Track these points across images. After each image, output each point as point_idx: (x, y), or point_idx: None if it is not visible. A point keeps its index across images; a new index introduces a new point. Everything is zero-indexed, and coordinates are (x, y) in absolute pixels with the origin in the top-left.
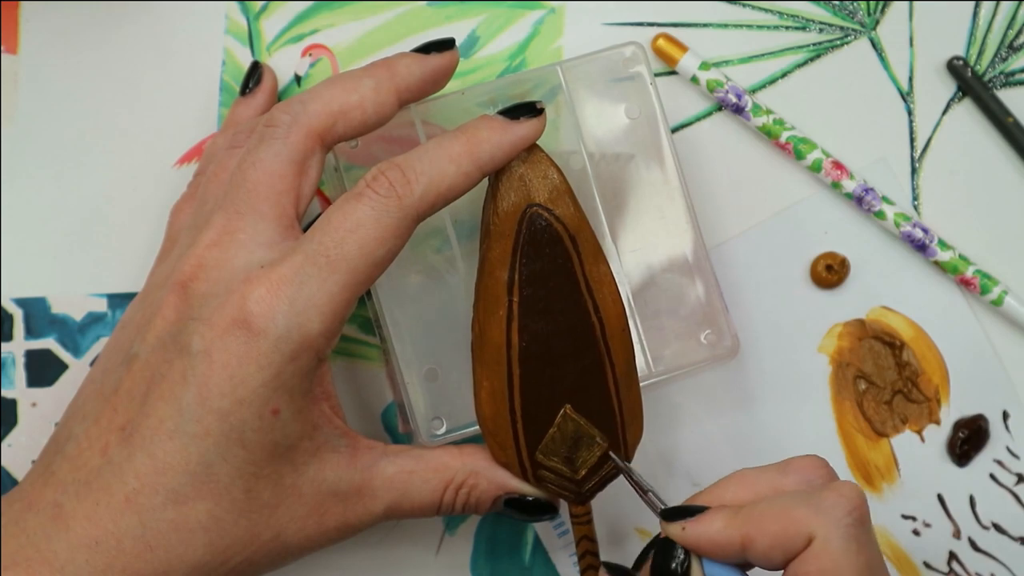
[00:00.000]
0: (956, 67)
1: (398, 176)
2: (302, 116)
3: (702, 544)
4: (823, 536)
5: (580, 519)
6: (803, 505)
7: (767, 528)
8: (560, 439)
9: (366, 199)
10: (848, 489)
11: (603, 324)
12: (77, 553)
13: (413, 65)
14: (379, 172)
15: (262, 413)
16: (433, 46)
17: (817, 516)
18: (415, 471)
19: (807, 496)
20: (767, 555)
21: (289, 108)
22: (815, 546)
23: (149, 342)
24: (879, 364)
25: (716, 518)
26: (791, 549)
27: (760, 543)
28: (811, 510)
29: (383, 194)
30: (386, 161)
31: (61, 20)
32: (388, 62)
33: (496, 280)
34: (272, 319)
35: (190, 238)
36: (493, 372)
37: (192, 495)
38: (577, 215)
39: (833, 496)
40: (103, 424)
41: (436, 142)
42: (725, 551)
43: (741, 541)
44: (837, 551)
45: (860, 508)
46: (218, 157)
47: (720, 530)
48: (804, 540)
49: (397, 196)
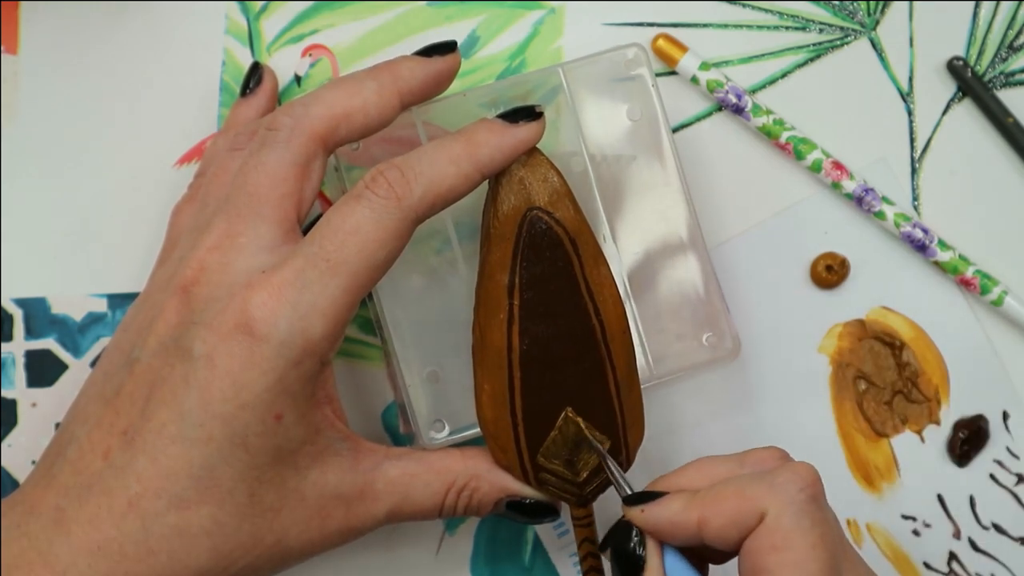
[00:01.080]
0: (956, 67)
1: (397, 177)
2: (304, 120)
3: (661, 525)
4: (775, 512)
5: (582, 521)
6: (756, 484)
7: (722, 508)
8: (561, 442)
9: (365, 201)
10: (801, 467)
11: (604, 327)
12: (79, 558)
13: (416, 68)
14: (378, 173)
15: (265, 418)
16: (435, 49)
17: (770, 493)
18: (417, 474)
19: (761, 476)
20: (722, 534)
21: (291, 111)
22: (767, 522)
23: (150, 346)
24: (879, 364)
25: (674, 501)
26: (744, 526)
27: (715, 522)
28: (764, 488)
29: (382, 195)
30: (385, 162)
31: (61, 20)
32: (391, 65)
33: (496, 283)
34: (275, 324)
35: (191, 241)
36: (494, 375)
37: (195, 500)
38: (577, 218)
39: (786, 474)
40: (104, 428)
41: (436, 144)
42: (683, 532)
43: (697, 522)
44: (788, 526)
45: (813, 485)
46: (219, 159)
47: (677, 512)
48: (757, 517)
49: (396, 197)
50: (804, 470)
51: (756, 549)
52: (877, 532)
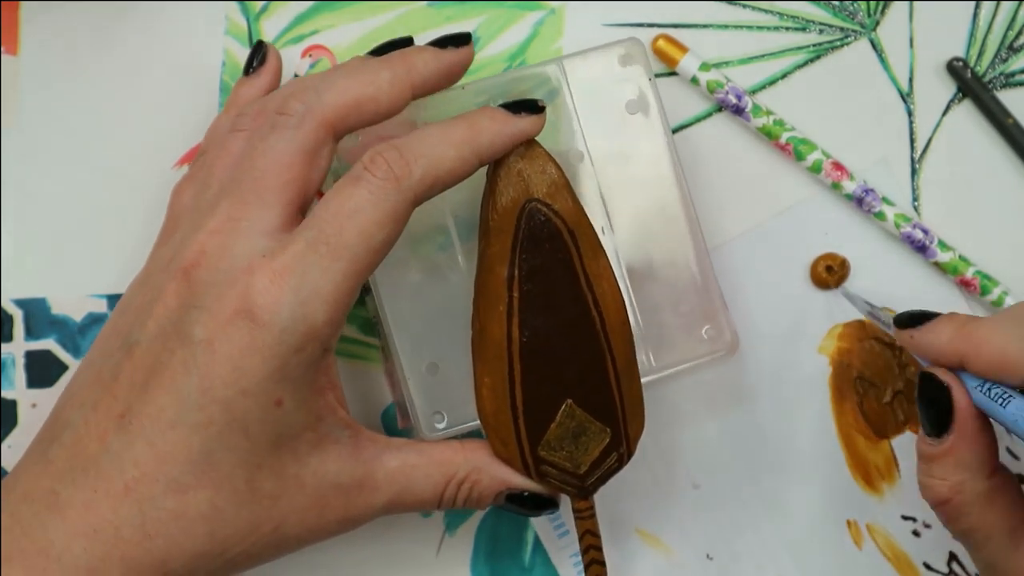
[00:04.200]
0: (956, 68)
1: (396, 157)
2: (316, 106)
3: (930, 354)
4: None
5: (583, 514)
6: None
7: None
8: (562, 434)
9: (364, 183)
10: None
11: (603, 318)
12: (74, 541)
13: (430, 60)
14: (376, 154)
15: (265, 404)
16: (450, 40)
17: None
18: (417, 465)
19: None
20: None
21: (304, 97)
22: None
23: (150, 329)
24: (879, 365)
25: (943, 330)
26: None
27: (975, 365)
28: None
29: (381, 177)
30: (384, 143)
31: (61, 20)
32: (405, 55)
33: (496, 276)
34: (276, 311)
35: (193, 222)
36: (494, 368)
37: (193, 484)
38: (576, 209)
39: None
40: (101, 411)
41: (436, 126)
42: (950, 362)
43: (960, 358)
44: None
45: None
46: (221, 138)
47: (946, 343)
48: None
49: (395, 178)
50: None
51: None
52: (877, 532)
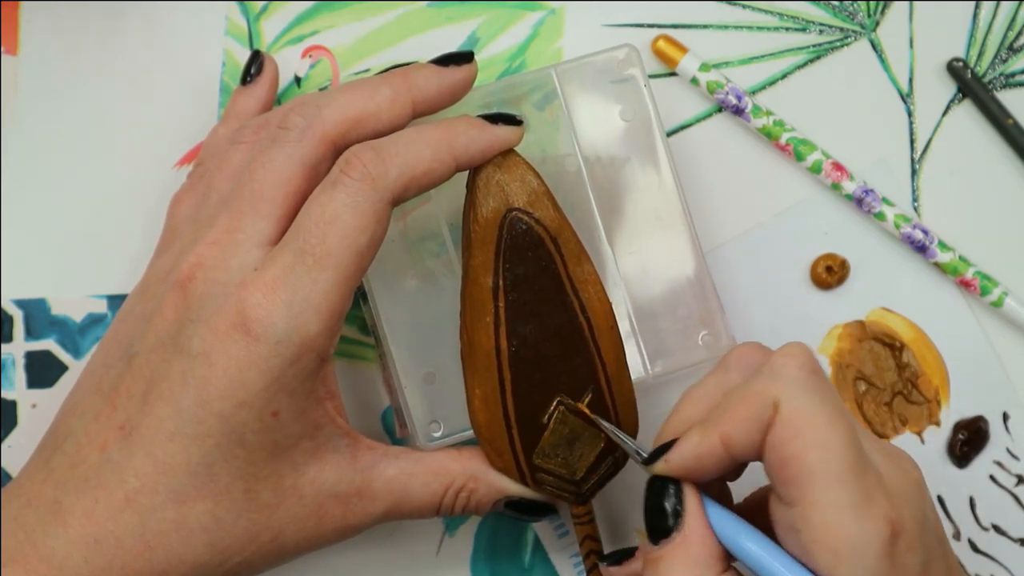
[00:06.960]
0: (956, 68)
1: (371, 158)
2: (317, 121)
3: (689, 465)
4: (786, 397)
5: (581, 519)
6: (758, 379)
7: (737, 415)
8: (556, 441)
9: (341, 187)
10: (792, 348)
11: (591, 323)
12: (75, 550)
13: (431, 78)
14: (352, 155)
15: (262, 415)
16: (452, 59)
17: (775, 382)
18: (415, 474)
19: (758, 372)
20: (747, 439)
21: (304, 111)
22: (782, 410)
23: (149, 340)
24: (879, 365)
25: (689, 437)
26: (764, 421)
27: (737, 431)
28: (767, 379)
29: (357, 178)
30: (360, 144)
31: (61, 20)
32: (406, 73)
33: (481, 287)
34: (270, 324)
35: (192, 234)
36: (484, 379)
37: (193, 495)
38: (557, 216)
39: (781, 359)
40: (102, 421)
41: (412, 128)
42: (711, 459)
43: (721, 442)
44: (803, 405)
45: (809, 359)
46: (220, 150)
47: (699, 443)
48: (772, 407)
49: (371, 178)
50: (796, 349)
51: (779, 441)
52: None
